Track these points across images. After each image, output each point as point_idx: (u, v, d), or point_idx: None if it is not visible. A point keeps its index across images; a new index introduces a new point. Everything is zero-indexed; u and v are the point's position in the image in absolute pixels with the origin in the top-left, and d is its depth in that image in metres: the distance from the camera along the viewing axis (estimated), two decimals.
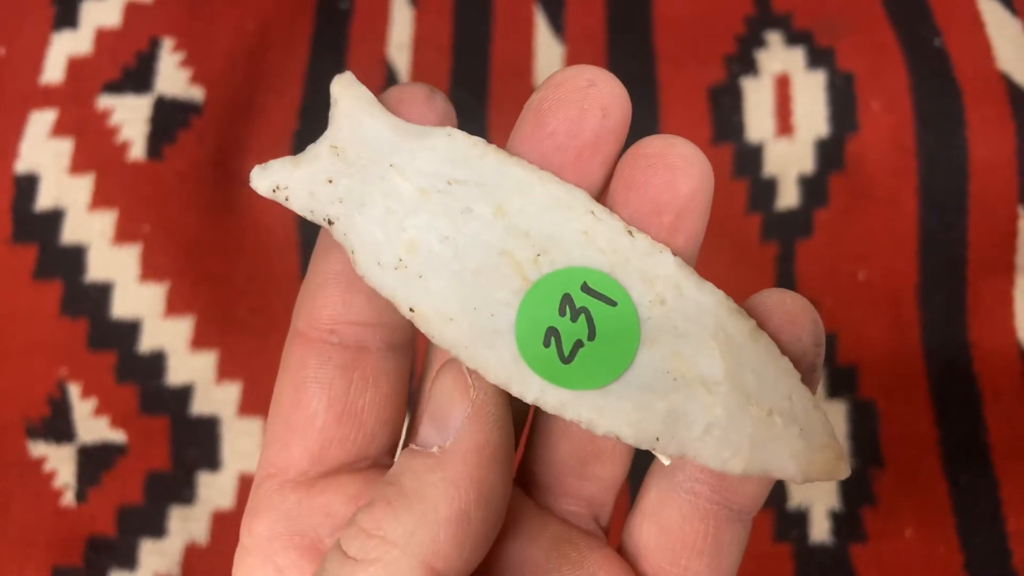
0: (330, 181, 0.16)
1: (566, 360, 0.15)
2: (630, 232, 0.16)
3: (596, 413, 0.16)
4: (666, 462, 0.17)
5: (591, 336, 0.15)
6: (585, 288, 0.15)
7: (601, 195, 0.16)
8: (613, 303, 0.15)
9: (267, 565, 0.17)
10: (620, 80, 0.15)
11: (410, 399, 0.19)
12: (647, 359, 0.16)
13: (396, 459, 0.16)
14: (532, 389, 0.16)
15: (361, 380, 0.17)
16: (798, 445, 0.16)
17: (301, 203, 0.16)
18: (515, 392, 0.16)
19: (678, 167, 0.15)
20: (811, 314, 0.16)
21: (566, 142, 0.15)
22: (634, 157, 0.15)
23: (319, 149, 0.16)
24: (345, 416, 0.17)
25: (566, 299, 0.15)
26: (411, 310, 0.16)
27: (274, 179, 0.16)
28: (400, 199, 0.16)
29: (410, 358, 0.18)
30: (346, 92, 0.16)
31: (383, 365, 0.17)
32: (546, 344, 0.15)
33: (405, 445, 0.19)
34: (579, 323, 0.15)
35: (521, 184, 0.16)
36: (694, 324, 0.16)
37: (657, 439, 0.16)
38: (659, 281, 0.16)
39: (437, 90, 0.16)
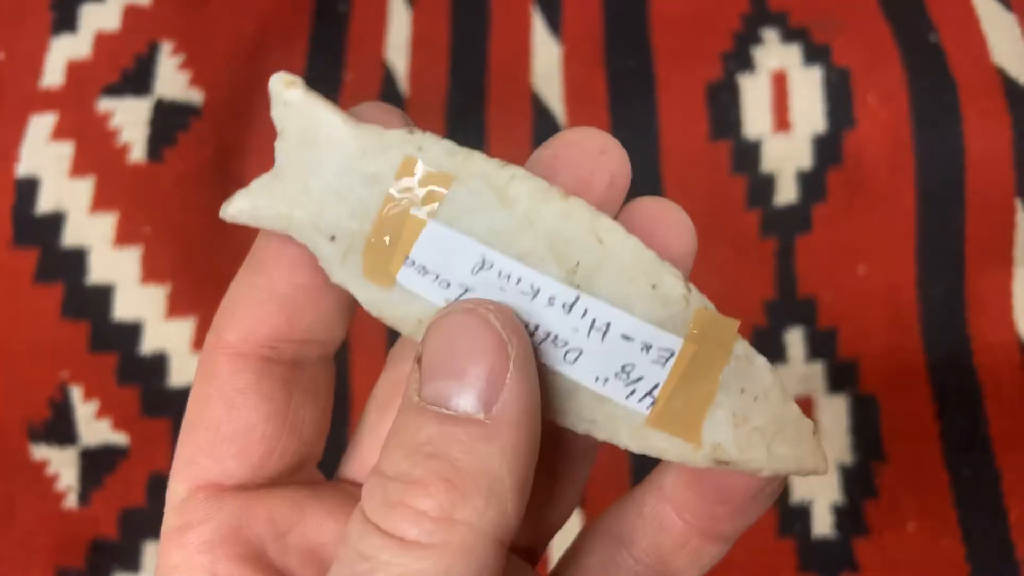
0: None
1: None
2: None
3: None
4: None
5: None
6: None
7: None
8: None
9: None
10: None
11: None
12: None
13: (406, 424, 0.14)
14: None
15: (300, 394, 0.17)
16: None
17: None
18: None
19: (672, 231, 0.16)
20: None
21: None
22: (633, 212, 0.16)
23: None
24: (287, 428, 0.16)
25: None
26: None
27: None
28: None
29: (335, 369, 0.18)
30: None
31: (318, 378, 0.17)
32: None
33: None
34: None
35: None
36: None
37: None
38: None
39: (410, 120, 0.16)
